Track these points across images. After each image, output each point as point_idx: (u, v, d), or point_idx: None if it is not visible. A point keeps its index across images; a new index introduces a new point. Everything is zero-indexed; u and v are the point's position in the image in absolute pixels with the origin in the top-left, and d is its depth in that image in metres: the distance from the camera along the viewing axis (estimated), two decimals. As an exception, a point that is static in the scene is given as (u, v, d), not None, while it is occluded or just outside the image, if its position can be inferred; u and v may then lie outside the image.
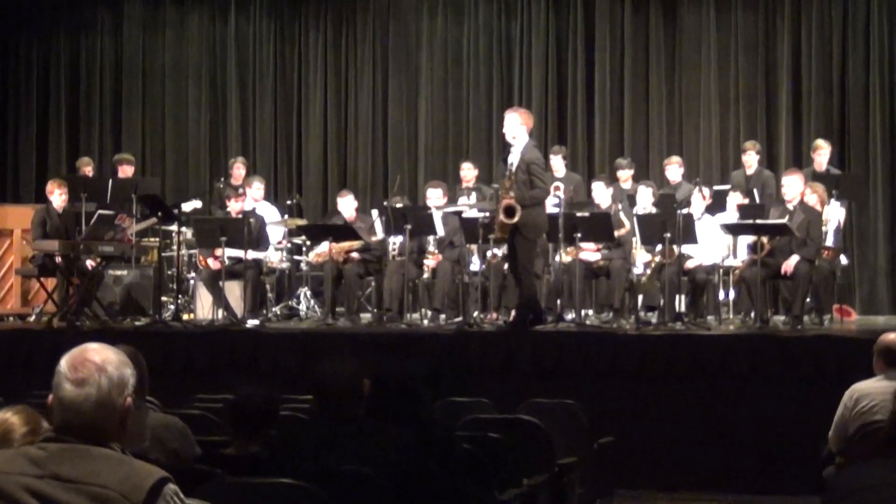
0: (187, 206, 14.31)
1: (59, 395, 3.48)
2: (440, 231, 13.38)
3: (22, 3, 18.95)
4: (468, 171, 14.86)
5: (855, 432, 7.12)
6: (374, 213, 14.29)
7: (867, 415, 7.14)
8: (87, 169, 15.46)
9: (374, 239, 13.70)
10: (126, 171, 15.19)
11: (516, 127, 11.81)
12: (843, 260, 13.60)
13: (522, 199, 11.49)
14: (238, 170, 15.52)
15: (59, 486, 3.37)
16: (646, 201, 13.42)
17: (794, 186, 12.51)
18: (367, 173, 17.57)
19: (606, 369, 11.09)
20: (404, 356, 10.03)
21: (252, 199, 14.57)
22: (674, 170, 14.61)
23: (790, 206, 12.39)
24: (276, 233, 14.59)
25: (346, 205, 14.09)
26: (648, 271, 12.72)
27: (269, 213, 14.74)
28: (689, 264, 12.63)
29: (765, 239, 12.10)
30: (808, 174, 13.70)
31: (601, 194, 13.62)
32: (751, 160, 14.48)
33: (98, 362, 3.48)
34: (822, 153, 14.03)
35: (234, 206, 13.86)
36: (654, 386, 10.94)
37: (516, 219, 11.42)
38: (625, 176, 14.72)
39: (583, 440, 8.09)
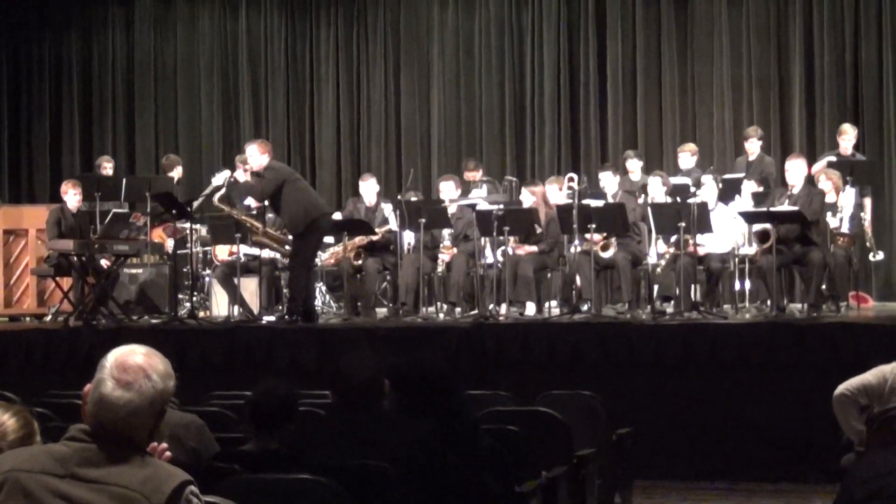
0: (218, 179, 14.46)
1: (100, 391, 3.44)
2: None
3: (33, 2, 18.98)
4: (471, 173, 14.88)
5: (875, 418, 7.09)
6: (388, 206, 14.28)
7: (886, 399, 7.12)
8: (107, 167, 15.52)
9: (385, 228, 13.66)
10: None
11: (258, 157, 12.69)
12: (880, 255, 13.59)
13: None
14: (240, 168, 15.55)
15: (80, 486, 3.36)
16: (657, 192, 13.40)
17: (796, 171, 12.48)
18: (381, 166, 17.57)
19: (623, 360, 11.08)
20: (421, 350, 10.03)
21: None
22: (686, 157, 14.61)
23: (793, 191, 12.36)
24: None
25: (368, 189, 14.10)
26: (663, 262, 12.70)
27: None
28: (702, 251, 12.60)
29: (768, 226, 12.06)
30: (830, 158, 13.69)
31: (608, 183, 13.54)
32: (753, 146, 14.49)
33: (146, 369, 3.46)
34: (847, 137, 13.98)
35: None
36: (671, 376, 10.93)
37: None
38: (634, 166, 14.70)
39: (601, 431, 8.08)
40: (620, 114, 16.87)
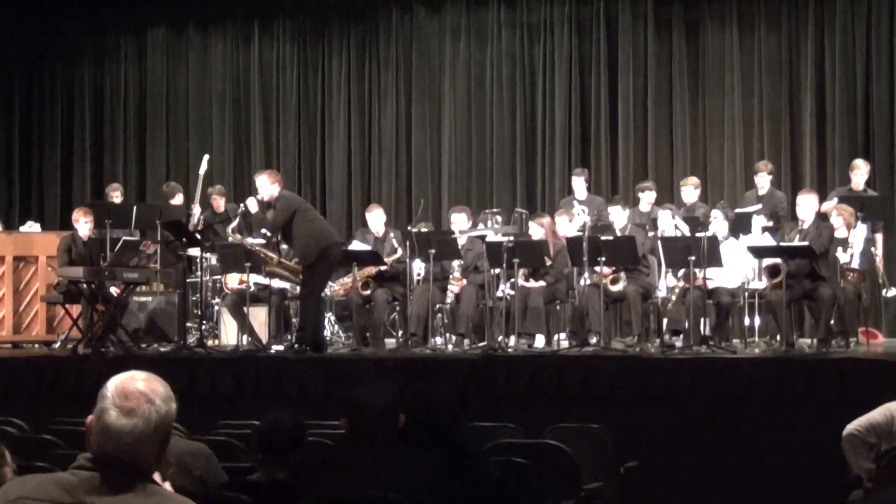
0: (203, 166, 14.96)
1: (104, 421, 3.40)
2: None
3: (46, 31, 19.06)
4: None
5: (883, 455, 7.08)
6: (399, 235, 14.27)
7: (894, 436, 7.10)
8: (116, 195, 15.57)
9: (394, 257, 13.63)
10: (217, 202, 15.58)
11: (268, 188, 12.72)
12: (893, 291, 13.56)
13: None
14: (216, 201, 15.58)
15: (88, 516, 3.35)
16: (666, 225, 13.39)
17: (807, 206, 12.49)
18: (391, 198, 17.58)
19: (632, 393, 11.06)
20: (430, 381, 10.02)
21: None
22: (689, 191, 14.59)
23: (804, 226, 12.36)
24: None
25: (375, 219, 14.12)
26: (673, 296, 12.69)
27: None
28: (711, 285, 12.58)
29: (778, 260, 12.05)
30: (841, 193, 13.68)
31: (618, 217, 13.55)
32: (762, 181, 14.47)
33: (148, 394, 3.43)
34: (860, 173, 13.99)
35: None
36: (679, 409, 10.90)
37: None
38: (650, 198, 14.67)
39: (609, 465, 8.07)
40: (631, 147, 16.87)
